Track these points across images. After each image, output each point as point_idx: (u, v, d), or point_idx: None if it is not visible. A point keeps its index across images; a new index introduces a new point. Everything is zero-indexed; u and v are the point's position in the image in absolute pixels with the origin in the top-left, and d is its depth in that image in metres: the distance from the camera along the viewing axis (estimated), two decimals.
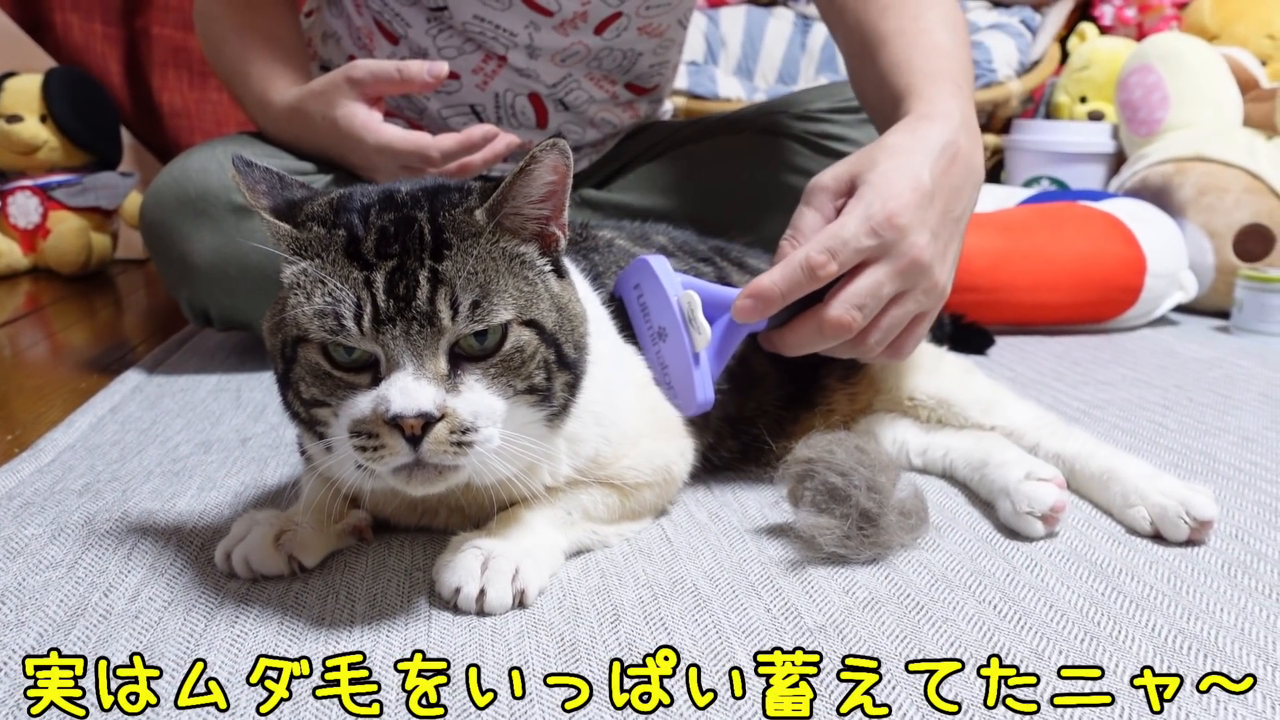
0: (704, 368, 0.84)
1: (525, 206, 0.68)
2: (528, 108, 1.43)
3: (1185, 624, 0.67)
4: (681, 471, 0.86)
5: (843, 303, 0.82)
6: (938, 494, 0.91)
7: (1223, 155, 1.81)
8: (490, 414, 0.65)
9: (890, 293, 0.83)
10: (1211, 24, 2.38)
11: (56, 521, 0.84)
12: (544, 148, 0.66)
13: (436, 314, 0.63)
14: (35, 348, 1.59)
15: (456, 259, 0.65)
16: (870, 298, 0.82)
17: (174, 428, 1.10)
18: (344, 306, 0.63)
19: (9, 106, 2.27)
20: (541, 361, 0.67)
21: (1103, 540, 0.81)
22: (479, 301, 0.64)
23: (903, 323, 0.86)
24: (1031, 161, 2.30)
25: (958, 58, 0.98)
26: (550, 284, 0.70)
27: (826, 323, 0.82)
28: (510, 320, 0.65)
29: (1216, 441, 1.07)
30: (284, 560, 0.73)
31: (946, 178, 0.87)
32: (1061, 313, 1.63)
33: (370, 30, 1.40)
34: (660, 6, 1.40)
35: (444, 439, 0.63)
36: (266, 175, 0.72)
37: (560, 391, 0.70)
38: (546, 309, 0.68)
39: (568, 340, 0.69)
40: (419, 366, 0.63)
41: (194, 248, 1.27)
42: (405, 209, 0.67)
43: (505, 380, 0.66)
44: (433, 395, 0.62)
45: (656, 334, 0.85)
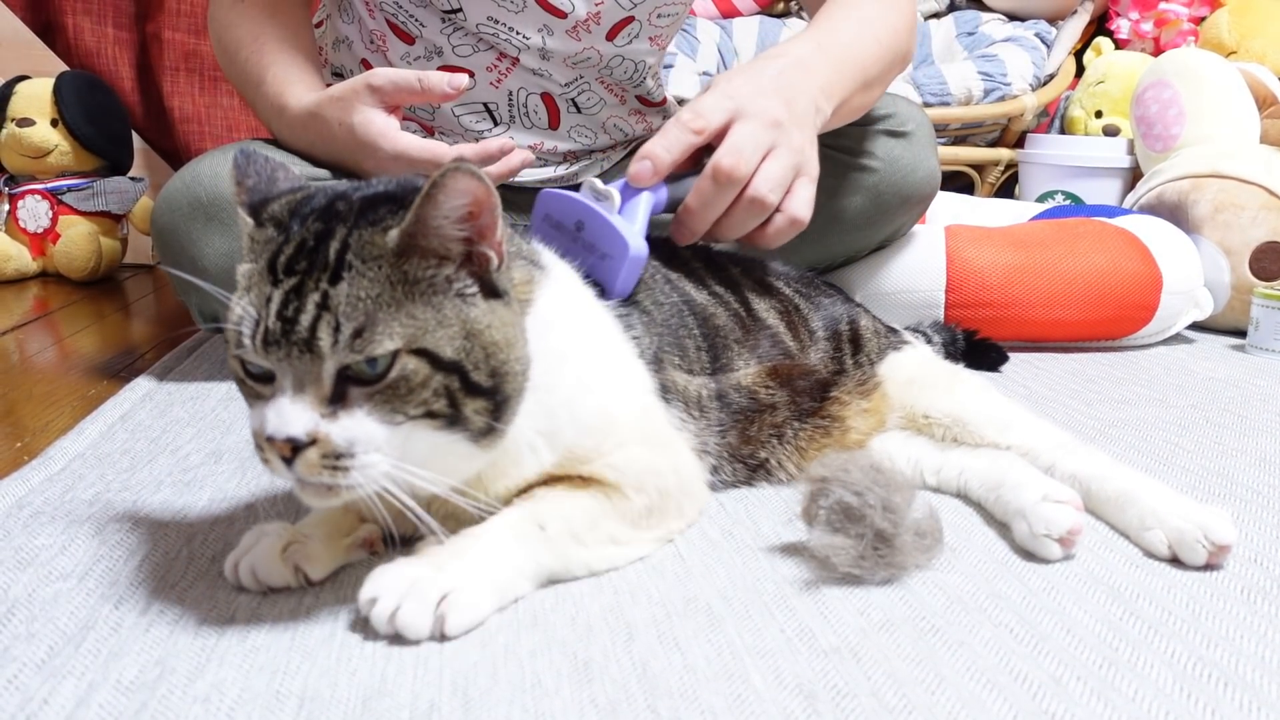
0: (623, 221, 0.92)
1: (445, 227, 0.65)
2: (540, 107, 1.44)
3: (1205, 651, 0.67)
4: (674, 486, 0.83)
5: (723, 151, 0.97)
6: (952, 514, 0.90)
7: (1240, 172, 1.80)
8: (368, 441, 0.64)
9: (760, 144, 0.99)
10: (1229, 39, 2.37)
11: (67, 532, 0.83)
12: (445, 171, 0.63)
13: (316, 341, 0.63)
14: (44, 353, 1.59)
15: (352, 282, 0.64)
16: (746, 144, 0.98)
17: (184, 436, 1.09)
18: (246, 323, 0.65)
19: (20, 110, 2.28)
20: (439, 389, 0.65)
21: (1120, 563, 0.80)
22: (361, 330, 0.63)
23: (783, 177, 1.00)
24: (1046, 176, 2.29)
25: (845, 40, 1.17)
26: (466, 309, 0.67)
27: (717, 169, 0.96)
28: (397, 349, 0.64)
29: (1234, 463, 1.06)
30: (290, 572, 0.73)
31: (781, 78, 1.05)
32: (1076, 329, 1.63)
33: (384, 32, 1.40)
34: (670, 16, 1.41)
35: (315, 463, 0.63)
36: (263, 167, 0.73)
37: (475, 416, 0.67)
38: (447, 337, 0.65)
39: (477, 368, 0.66)
40: (298, 391, 0.64)
41: (205, 252, 1.27)
42: (334, 220, 0.67)
43: (393, 407, 0.64)
44: (304, 421, 0.63)
45: (574, 231, 0.94)
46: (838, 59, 1.14)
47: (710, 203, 0.98)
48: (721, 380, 0.92)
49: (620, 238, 0.90)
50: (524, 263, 0.76)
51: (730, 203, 0.99)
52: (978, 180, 2.44)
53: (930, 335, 1.31)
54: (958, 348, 1.37)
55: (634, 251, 0.90)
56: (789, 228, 1.03)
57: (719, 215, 0.99)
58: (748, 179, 0.98)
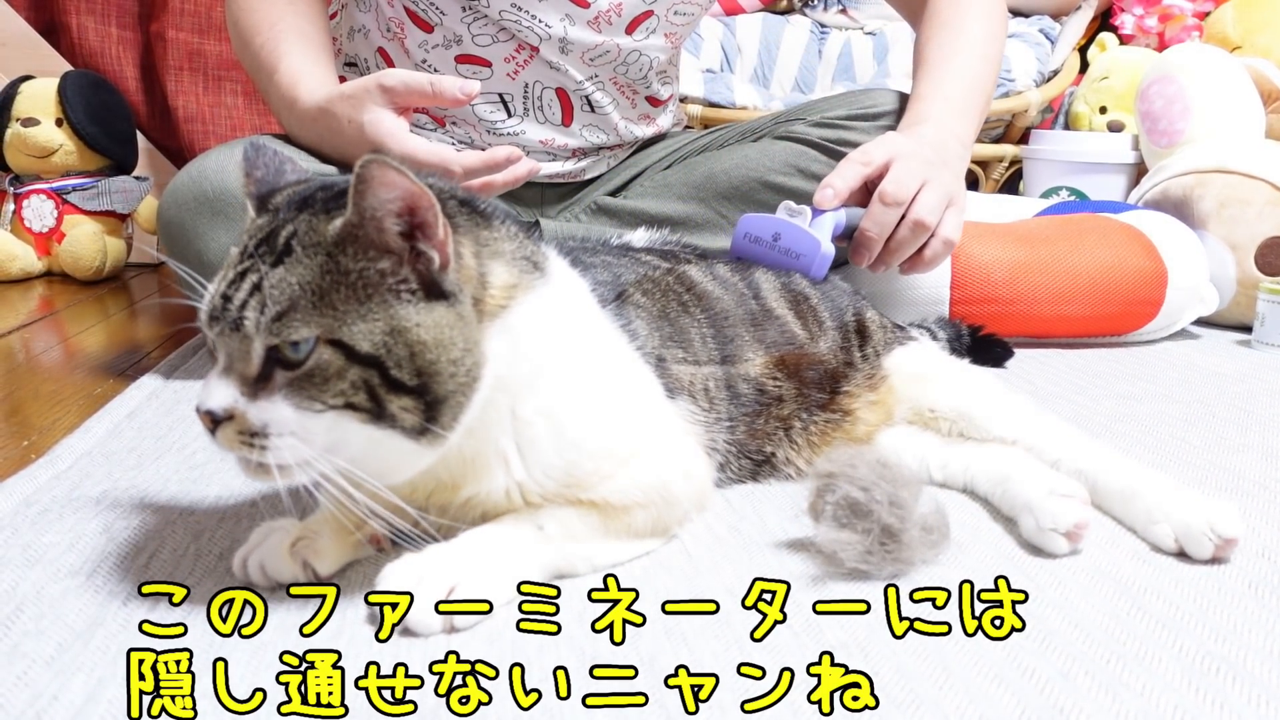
0: (812, 231, 1.14)
1: (382, 220, 0.65)
2: (555, 102, 1.44)
3: (1213, 645, 0.67)
4: (685, 491, 0.82)
5: (887, 180, 1.19)
6: (959, 509, 0.90)
7: (1245, 167, 1.79)
8: (281, 423, 0.65)
9: (916, 177, 1.20)
10: (1234, 34, 2.36)
11: (75, 529, 0.83)
12: (364, 162, 0.63)
13: (243, 321, 0.65)
14: (49, 352, 1.59)
15: (289, 268, 0.66)
16: (904, 176, 1.19)
17: (190, 434, 1.09)
18: (205, 300, 0.68)
19: (25, 110, 2.28)
20: (356, 382, 0.65)
21: (1126, 558, 0.80)
22: (282, 314, 0.64)
23: (937, 204, 1.21)
24: (1050, 172, 2.29)
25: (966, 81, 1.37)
26: (397, 307, 0.66)
27: (882, 193, 1.18)
28: (314, 337, 0.65)
29: (1240, 458, 1.06)
30: (298, 567, 0.73)
31: (926, 132, 1.28)
32: (1081, 325, 1.62)
33: (402, 20, 1.40)
34: (686, 15, 1.42)
35: (232, 437, 0.66)
36: (272, 160, 0.74)
37: (403, 413, 0.66)
38: (366, 331, 0.65)
39: (400, 366, 0.66)
40: (228, 368, 0.66)
41: (209, 246, 1.27)
42: (305, 208, 0.68)
43: (309, 394, 0.65)
44: (222, 397, 0.66)
45: (772, 242, 1.16)
46: (963, 106, 1.35)
47: (880, 221, 1.19)
48: (729, 369, 0.92)
49: (811, 238, 1.12)
50: (521, 266, 0.73)
51: (896, 224, 1.19)
52: (982, 176, 2.44)
53: (935, 331, 1.31)
54: (963, 343, 1.36)
55: (824, 248, 1.12)
56: (944, 249, 1.24)
57: (889, 235, 1.20)
58: (908, 203, 1.18)
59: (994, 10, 1.44)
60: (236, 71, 2.45)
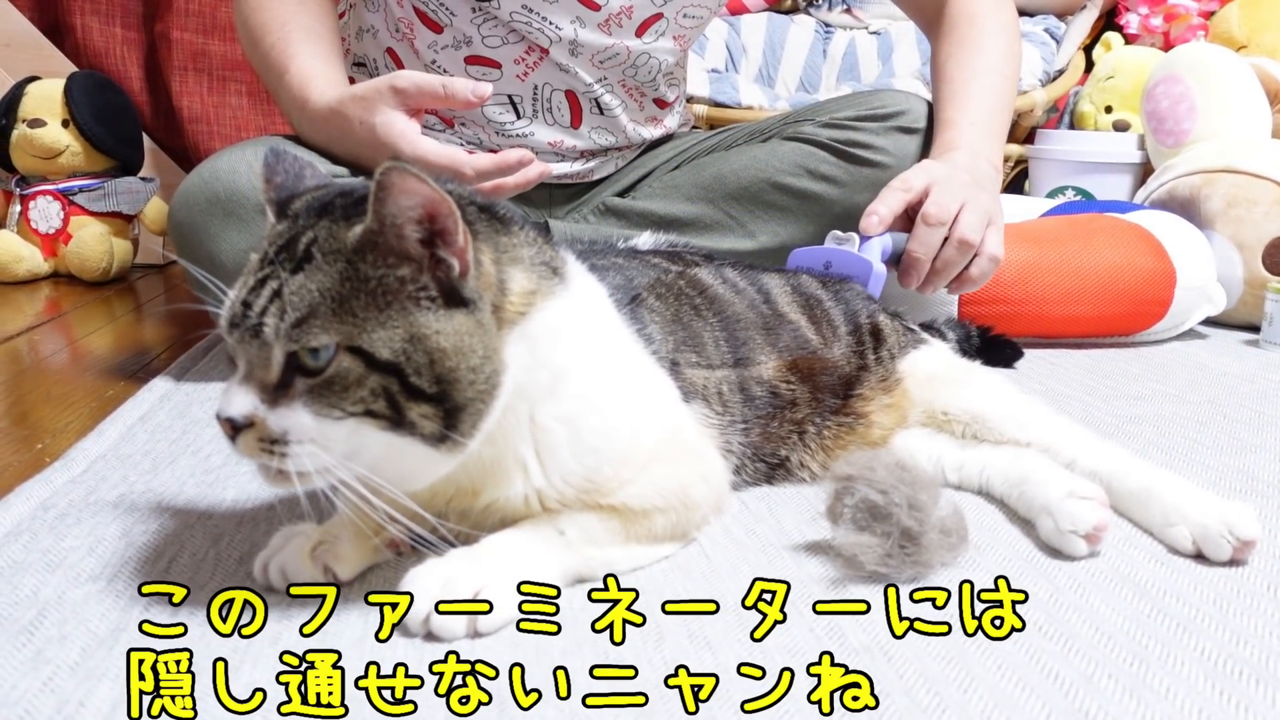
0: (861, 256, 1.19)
1: (402, 227, 0.65)
2: (564, 104, 1.44)
3: (1234, 648, 0.67)
4: (704, 495, 0.82)
5: (929, 203, 1.22)
6: (976, 511, 0.90)
7: (1252, 167, 1.79)
8: (300, 430, 0.65)
9: (956, 198, 1.23)
10: (1240, 33, 2.37)
11: (93, 534, 0.83)
12: (384, 169, 0.63)
13: (262, 327, 0.65)
14: (58, 354, 1.59)
15: (309, 274, 0.65)
16: (944, 198, 1.22)
17: (205, 437, 1.09)
18: (225, 307, 0.68)
19: (31, 111, 2.28)
20: (376, 389, 0.65)
21: (1144, 560, 0.80)
22: (302, 321, 0.64)
23: (978, 223, 1.24)
24: (1056, 172, 2.29)
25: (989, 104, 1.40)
26: (417, 314, 0.66)
27: (925, 215, 1.22)
28: (333, 344, 0.65)
29: (1253, 459, 1.06)
30: (319, 571, 0.73)
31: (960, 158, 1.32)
32: (1090, 325, 1.62)
33: (411, 21, 1.40)
34: (695, 19, 1.42)
35: (253, 444, 0.66)
36: (291, 165, 0.74)
37: (423, 420, 0.66)
38: (386, 339, 0.65)
39: (419, 373, 0.65)
40: (248, 374, 0.66)
41: (221, 248, 1.27)
42: (325, 215, 0.68)
43: (329, 401, 0.65)
44: (242, 405, 0.66)
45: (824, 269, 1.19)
46: (988, 129, 1.39)
47: (926, 242, 1.22)
48: (742, 372, 0.92)
49: (864, 261, 1.18)
50: (539, 272, 0.73)
51: (940, 245, 1.23)
52: None
53: (945, 332, 1.31)
54: (972, 344, 1.36)
55: (876, 269, 1.18)
56: (990, 266, 1.27)
57: (935, 255, 1.23)
58: (951, 223, 1.22)
59: (1009, 24, 1.46)
60: (241, 72, 2.45)
